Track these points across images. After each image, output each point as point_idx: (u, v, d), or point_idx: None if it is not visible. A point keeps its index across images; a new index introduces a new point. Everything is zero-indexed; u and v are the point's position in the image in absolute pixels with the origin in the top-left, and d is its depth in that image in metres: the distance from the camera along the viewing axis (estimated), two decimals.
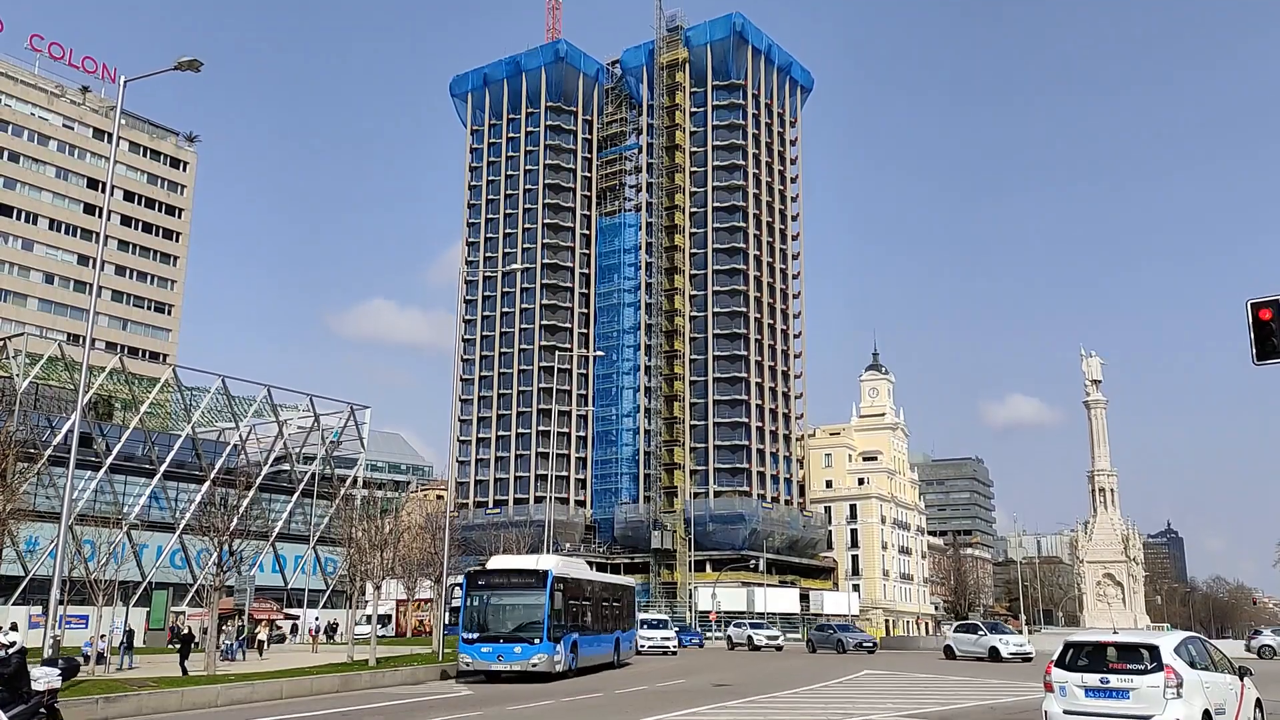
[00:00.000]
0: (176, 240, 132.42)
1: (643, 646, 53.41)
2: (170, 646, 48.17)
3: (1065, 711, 16.50)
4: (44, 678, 16.10)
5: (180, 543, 70.94)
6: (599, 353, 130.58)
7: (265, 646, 50.57)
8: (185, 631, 38.43)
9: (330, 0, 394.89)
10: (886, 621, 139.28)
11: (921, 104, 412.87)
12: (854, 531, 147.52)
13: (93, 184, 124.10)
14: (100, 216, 57.88)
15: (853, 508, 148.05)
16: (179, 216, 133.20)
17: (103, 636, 38.73)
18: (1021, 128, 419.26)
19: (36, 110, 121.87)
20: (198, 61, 29.91)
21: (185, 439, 76.17)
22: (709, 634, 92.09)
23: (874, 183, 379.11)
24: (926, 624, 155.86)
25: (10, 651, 16.32)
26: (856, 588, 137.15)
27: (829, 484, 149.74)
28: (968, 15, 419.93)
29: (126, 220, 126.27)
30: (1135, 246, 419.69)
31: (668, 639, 58.43)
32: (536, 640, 33.78)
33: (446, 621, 45.82)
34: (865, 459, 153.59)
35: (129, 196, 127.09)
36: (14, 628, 40.29)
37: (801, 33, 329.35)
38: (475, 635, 34.73)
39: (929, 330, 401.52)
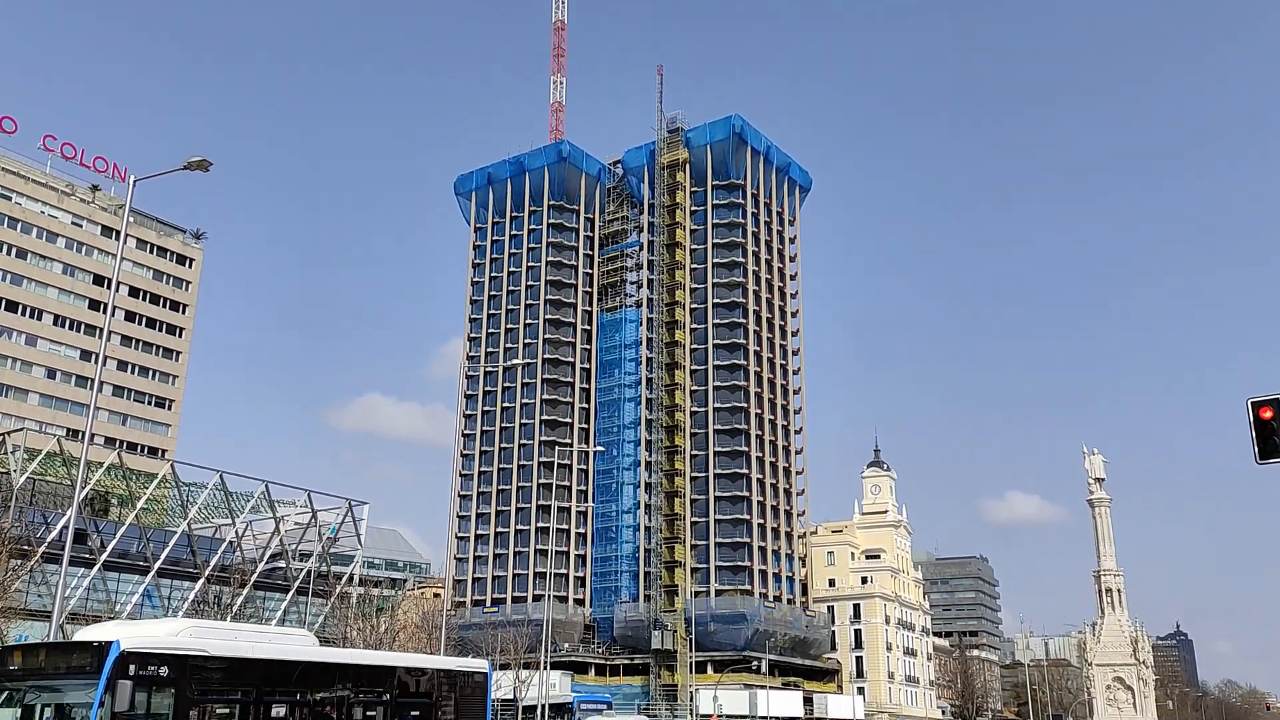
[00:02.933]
0: (180, 335, 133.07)
1: None
2: None
3: None
4: None
5: None
6: (599, 448, 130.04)
7: None
8: None
9: (337, 102, 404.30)
10: None
11: (920, 201, 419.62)
12: (858, 632, 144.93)
13: (99, 280, 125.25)
14: (105, 312, 58.15)
15: (856, 607, 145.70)
16: (183, 312, 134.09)
17: None
18: (1019, 225, 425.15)
19: (46, 208, 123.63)
20: (207, 161, 30.42)
21: (181, 535, 75.43)
22: None
23: (874, 280, 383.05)
24: None
25: None
26: (861, 690, 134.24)
27: (832, 582, 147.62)
28: (960, 119, 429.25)
29: (131, 316, 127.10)
30: (1134, 343, 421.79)
31: None
32: None
33: None
34: (868, 557, 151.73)
35: (134, 292, 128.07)
36: None
37: (800, 132, 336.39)
38: None
39: (929, 427, 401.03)
